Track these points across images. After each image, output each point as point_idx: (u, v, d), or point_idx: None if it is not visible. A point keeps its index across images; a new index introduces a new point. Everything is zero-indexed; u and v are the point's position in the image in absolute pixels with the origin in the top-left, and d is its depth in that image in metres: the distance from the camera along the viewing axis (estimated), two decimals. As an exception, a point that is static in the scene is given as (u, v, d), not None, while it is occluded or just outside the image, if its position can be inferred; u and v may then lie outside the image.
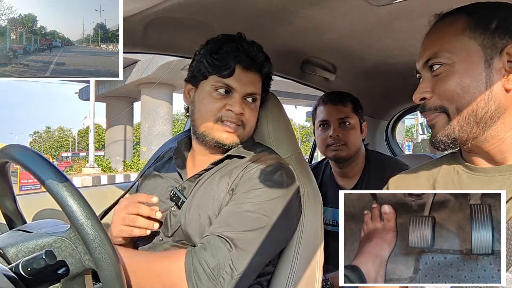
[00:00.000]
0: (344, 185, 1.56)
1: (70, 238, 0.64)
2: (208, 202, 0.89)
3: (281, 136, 1.09)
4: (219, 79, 0.92)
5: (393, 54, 1.47)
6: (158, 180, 1.02)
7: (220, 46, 0.92)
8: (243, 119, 0.94)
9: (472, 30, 0.65)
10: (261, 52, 0.95)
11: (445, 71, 0.66)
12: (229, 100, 0.92)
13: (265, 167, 0.90)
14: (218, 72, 0.91)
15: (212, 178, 0.93)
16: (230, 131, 0.92)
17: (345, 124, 1.48)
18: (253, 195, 0.85)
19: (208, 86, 0.93)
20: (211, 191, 0.91)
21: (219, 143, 0.93)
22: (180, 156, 1.02)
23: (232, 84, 0.92)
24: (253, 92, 0.95)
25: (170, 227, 0.91)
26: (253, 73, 0.94)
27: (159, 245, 0.92)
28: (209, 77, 0.93)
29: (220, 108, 0.92)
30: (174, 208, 0.93)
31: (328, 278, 1.28)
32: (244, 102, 0.94)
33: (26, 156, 0.65)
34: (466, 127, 0.65)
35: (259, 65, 0.95)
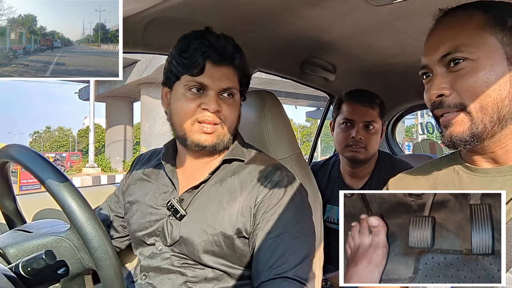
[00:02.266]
0: (352, 184, 1.55)
1: (70, 238, 0.64)
2: (216, 218, 0.87)
3: (280, 136, 1.09)
4: (191, 78, 0.88)
5: (393, 54, 1.47)
6: (147, 185, 0.99)
7: (188, 44, 0.88)
8: (221, 116, 0.89)
9: (491, 26, 0.63)
10: (230, 44, 0.90)
11: (469, 66, 0.63)
12: (204, 99, 0.88)
13: (278, 181, 0.89)
14: (189, 71, 0.87)
15: (214, 190, 0.91)
16: (208, 132, 0.88)
17: (370, 127, 1.45)
18: (285, 219, 0.86)
19: (181, 87, 0.89)
20: (219, 207, 0.88)
21: (199, 145, 0.89)
22: (169, 161, 0.98)
23: (205, 82, 0.88)
24: (228, 86, 0.90)
25: (169, 236, 0.89)
26: (225, 67, 0.89)
27: (159, 254, 0.90)
28: (181, 77, 0.89)
29: (195, 108, 0.88)
30: (171, 217, 0.90)
31: (328, 278, 1.28)
32: (220, 98, 0.89)
33: (26, 156, 0.65)
34: (489, 125, 0.63)
35: (229, 57, 0.90)
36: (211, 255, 0.86)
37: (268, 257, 0.83)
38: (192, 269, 0.87)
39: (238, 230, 0.86)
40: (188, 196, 0.91)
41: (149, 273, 0.90)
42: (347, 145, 1.46)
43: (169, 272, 0.88)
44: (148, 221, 0.93)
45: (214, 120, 0.88)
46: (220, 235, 0.85)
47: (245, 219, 0.86)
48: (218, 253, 0.86)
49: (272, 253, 0.83)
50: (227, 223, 0.86)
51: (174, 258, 0.88)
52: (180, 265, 0.88)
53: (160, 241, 0.91)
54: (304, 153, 5.21)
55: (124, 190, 1.05)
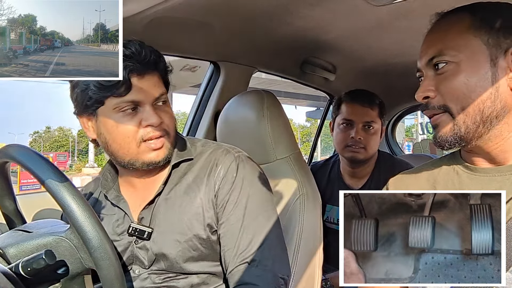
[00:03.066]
0: (352, 184, 1.55)
1: (69, 238, 0.64)
2: (184, 224, 0.84)
3: (280, 136, 1.09)
4: (119, 99, 0.79)
5: (393, 54, 1.48)
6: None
7: None
8: (164, 127, 0.84)
9: (477, 29, 0.64)
10: (147, 49, 0.82)
11: (451, 69, 0.65)
12: (142, 115, 0.81)
13: (230, 164, 0.87)
14: (113, 92, 0.78)
15: (172, 197, 0.87)
16: (158, 147, 0.83)
17: (369, 128, 1.46)
18: (243, 202, 0.85)
19: (110, 111, 0.80)
20: (183, 212, 0.85)
21: (152, 163, 0.84)
22: (110, 188, 0.91)
23: (136, 98, 0.80)
24: (160, 93, 0.84)
25: (145, 259, 0.85)
26: (150, 75, 0.82)
27: (137, 277, 0.86)
28: (105, 101, 0.80)
29: (136, 129, 0.81)
30: (138, 241, 0.86)
31: (328, 278, 1.28)
32: (156, 108, 0.83)
33: (26, 156, 0.65)
34: (472, 126, 0.64)
35: (153, 64, 0.83)
36: (192, 261, 0.84)
37: (232, 244, 0.82)
38: (176, 281, 0.85)
39: (209, 226, 0.84)
40: (147, 213, 0.87)
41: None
42: (346, 145, 1.46)
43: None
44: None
45: (160, 133, 0.83)
46: (195, 239, 0.83)
47: (211, 212, 0.85)
48: (198, 257, 0.84)
49: (237, 239, 0.82)
50: (196, 224, 0.84)
51: (154, 276, 0.85)
52: (162, 280, 0.85)
53: (137, 266, 0.87)
54: (304, 153, 5.20)
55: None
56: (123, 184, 0.93)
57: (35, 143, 53.75)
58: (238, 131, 1.14)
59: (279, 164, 1.08)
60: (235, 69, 1.38)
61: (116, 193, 0.91)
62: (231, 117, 1.18)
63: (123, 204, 0.89)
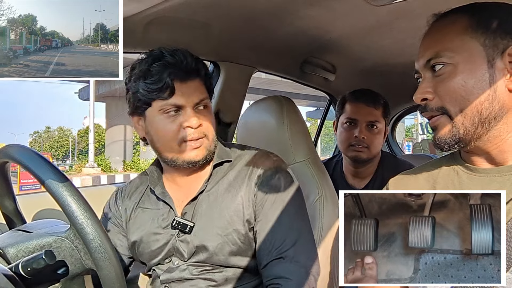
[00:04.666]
0: (354, 184, 1.54)
1: (70, 238, 0.64)
2: (225, 219, 0.91)
3: (299, 140, 1.14)
4: (164, 101, 0.88)
5: (393, 54, 1.47)
6: (144, 216, 0.99)
7: (148, 68, 0.88)
8: (203, 129, 0.92)
9: (473, 30, 0.64)
10: (189, 57, 0.91)
11: (448, 71, 0.65)
12: (183, 117, 0.89)
13: (269, 168, 0.95)
14: (159, 95, 0.88)
15: (213, 194, 0.94)
16: (197, 147, 0.91)
17: (373, 127, 1.45)
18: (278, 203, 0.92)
19: (156, 112, 0.90)
20: (223, 208, 0.92)
21: (192, 162, 0.92)
22: (156, 184, 0.99)
23: (178, 102, 0.89)
24: (201, 99, 0.92)
25: (185, 252, 0.92)
26: (192, 81, 0.91)
27: (176, 268, 0.93)
28: (152, 103, 0.90)
29: (178, 129, 0.89)
30: (180, 234, 0.93)
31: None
32: (197, 112, 0.91)
33: (26, 156, 0.65)
34: (471, 128, 0.64)
35: (195, 71, 0.91)
36: (230, 255, 0.90)
37: (268, 241, 0.89)
38: (212, 274, 0.91)
39: (248, 222, 0.91)
40: (190, 208, 0.94)
41: (170, 284, 0.94)
42: (350, 145, 1.46)
43: (191, 279, 0.92)
44: (158, 248, 0.95)
45: (198, 135, 0.91)
46: (234, 233, 0.90)
47: (250, 210, 0.92)
48: (236, 251, 0.91)
49: (272, 236, 0.89)
50: (237, 219, 0.91)
51: (192, 268, 0.92)
52: (199, 272, 0.92)
53: (176, 258, 0.94)
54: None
55: (125, 230, 1.02)
56: (167, 182, 1.01)
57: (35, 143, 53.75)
58: (258, 136, 1.19)
59: (298, 167, 1.12)
60: (235, 69, 1.38)
61: (162, 189, 0.98)
62: (250, 122, 1.24)
63: (169, 200, 0.96)
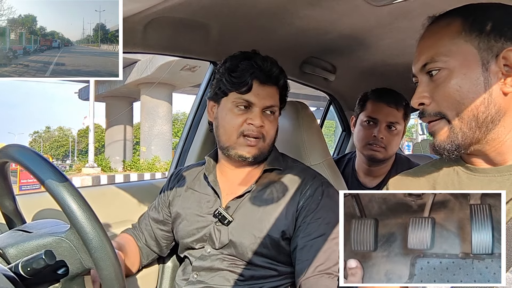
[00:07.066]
0: (366, 182, 1.54)
1: (69, 238, 0.64)
2: (263, 223, 0.96)
3: (314, 144, 1.17)
4: (239, 95, 0.98)
5: (393, 54, 1.47)
6: (192, 196, 1.08)
7: (237, 64, 0.98)
8: (263, 131, 0.99)
9: (467, 33, 0.64)
10: (275, 66, 1.01)
11: (444, 76, 0.65)
12: (250, 114, 0.98)
13: (317, 188, 0.99)
14: (237, 89, 0.98)
15: (259, 197, 1.00)
16: (251, 145, 0.99)
17: (392, 128, 1.44)
18: (325, 222, 0.95)
19: (229, 103, 1.00)
20: (264, 213, 0.97)
21: (242, 157, 0.99)
22: (210, 172, 1.07)
23: (251, 99, 0.98)
24: (271, 104, 1.00)
25: (217, 240, 0.98)
26: (269, 86, 1.00)
27: (208, 256, 0.99)
28: (229, 94, 1.00)
29: (241, 123, 0.98)
30: (218, 223, 0.99)
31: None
32: (263, 115, 1.00)
33: (26, 156, 0.65)
34: (469, 132, 0.64)
35: (274, 78, 1.00)
36: (259, 255, 0.96)
37: (311, 255, 0.93)
38: (241, 268, 0.97)
39: (283, 232, 0.96)
40: (234, 204, 1.00)
41: (200, 272, 1.00)
42: (367, 143, 1.45)
43: (220, 270, 0.98)
44: (196, 228, 1.02)
45: (257, 134, 0.99)
46: (267, 238, 0.95)
47: (289, 222, 0.96)
48: (266, 254, 0.96)
49: (315, 252, 0.93)
50: (273, 227, 0.96)
51: (223, 259, 0.98)
52: (229, 265, 0.98)
53: (208, 245, 1.00)
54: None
55: (168, 203, 1.12)
56: (218, 173, 1.08)
57: (35, 143, 53.73)
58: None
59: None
60: (235, 69, 1.38)
61: (214, 178, 1.06)
62: None
63: (218, 189, 1.04)
